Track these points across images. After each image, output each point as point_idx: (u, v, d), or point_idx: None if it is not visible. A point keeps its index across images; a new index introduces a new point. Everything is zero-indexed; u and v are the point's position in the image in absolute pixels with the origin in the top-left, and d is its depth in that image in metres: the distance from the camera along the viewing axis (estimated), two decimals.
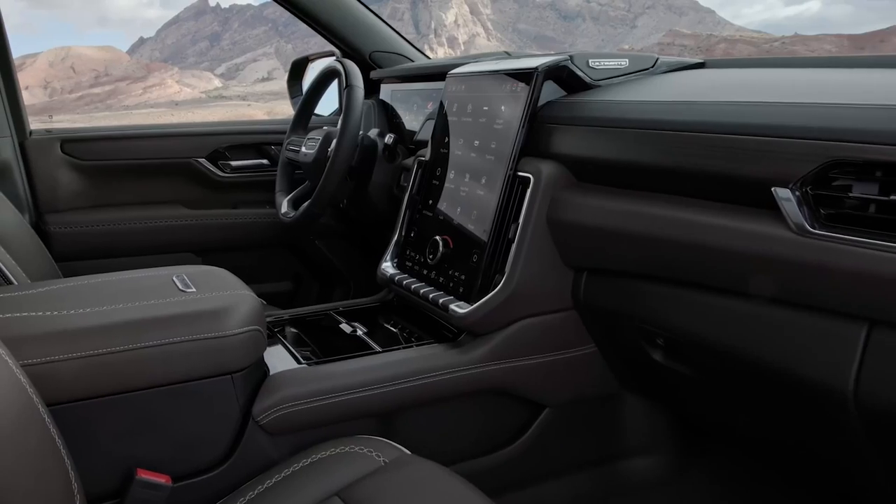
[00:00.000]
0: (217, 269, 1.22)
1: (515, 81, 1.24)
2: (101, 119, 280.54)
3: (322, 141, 1.67)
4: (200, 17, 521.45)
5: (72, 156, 1.93)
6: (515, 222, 1.18)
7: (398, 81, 1.94)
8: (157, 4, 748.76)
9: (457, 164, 1.35)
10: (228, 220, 2.08)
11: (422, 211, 1.43)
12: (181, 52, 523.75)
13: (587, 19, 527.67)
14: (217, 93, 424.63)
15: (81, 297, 1.06)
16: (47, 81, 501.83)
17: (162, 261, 2.00)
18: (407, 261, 1.44)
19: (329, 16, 1.93)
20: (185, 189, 2.08)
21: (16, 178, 1.85)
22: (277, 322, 1.42)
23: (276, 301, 2.07)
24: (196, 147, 2.05)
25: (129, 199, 2.03)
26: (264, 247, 2.16)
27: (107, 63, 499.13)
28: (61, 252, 1.89)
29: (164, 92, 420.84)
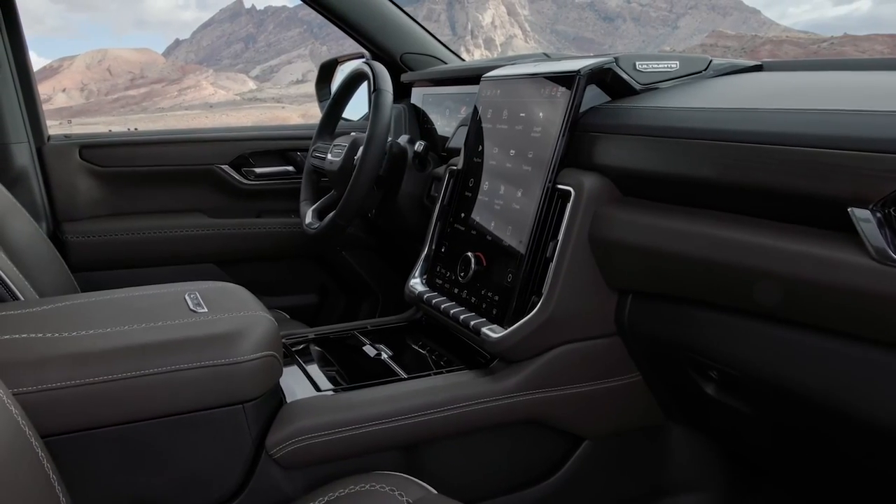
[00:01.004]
0: (233, 287, 1.17)
1: (555, 85, 1.16)
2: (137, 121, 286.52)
3: (348, 148, 1.62)
4: (235, 19, 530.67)
5: (91, 162, 1.91)
6: (554, 240, 1.11)
7: (430, 85, 1.88)
8: (194, 6, 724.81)
9: (491, 175, 1.28)
10: (252, 229, 2.05)
11: (453, 224, 1.36)
12: (216, 54, 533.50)
13: (627, 20, 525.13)
14: (251, 95, 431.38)
15: (85, 316, 1.02)
16: (84, 84, 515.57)
17: (182, 272, 1.97)
18: (437, 278, 1.37)
19: (358, 16, 1.88)
20: (207, 197, 2.05)
21: (33, 185, 1.83)
22: (296, 342, 1.37)
23: (300, 315, 2.02)
24: (219, 153, 2.02)
25: (149, 207, 2.00)
26: (289, 258, 2.12)
27: (142, 65, 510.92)
28: (78, 262, 1.87)
29: (199, 94, 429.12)
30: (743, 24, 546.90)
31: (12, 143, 1.78)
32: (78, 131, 3.82)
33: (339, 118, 1.83)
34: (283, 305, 2.05)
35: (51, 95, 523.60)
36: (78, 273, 1.85)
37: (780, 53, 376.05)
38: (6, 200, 1.57)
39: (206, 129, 2.14)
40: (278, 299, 2.11)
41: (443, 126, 1.80)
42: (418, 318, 1.47)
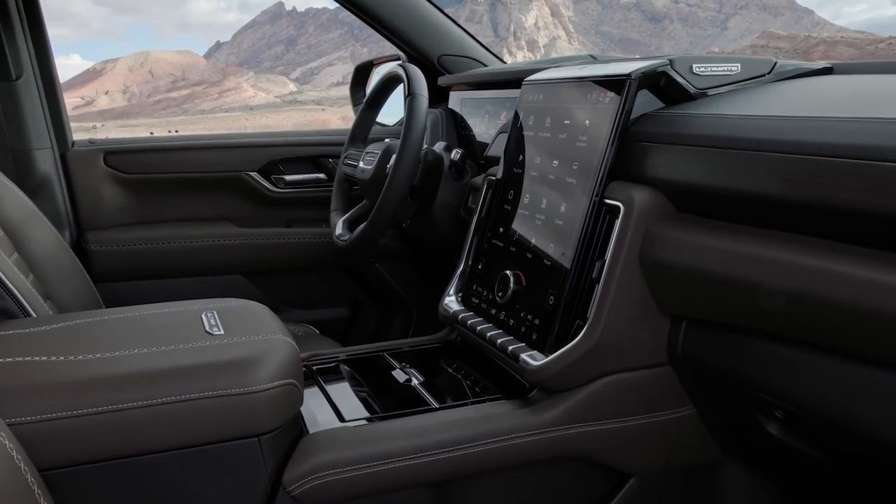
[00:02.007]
0: (254, 306, 1.12)
1: (603, 90, 1.09)
2: (177, 123, 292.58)
3: (381, 156, 1.57)
4: (276, 21, 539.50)
5: (115, 168, 1.89)
6: (601, 259, 1.04)
7: (469, 88, 1.82)
8: (235, 9, 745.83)
9: (532, 187, 1.21)
10: (281, 239, 2.01)
11: (491, 239, 1.30)
12: (257, 56, 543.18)
13: (675, 21, 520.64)
14: (291, 97, 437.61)
15: (94, 337, 0.98)
16: (126, 86, 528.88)
17: (208, 283, 1.94)
18: (473, 296, 1.31)
19: (393, 16, 1.84)
20: (234, 205, 2.02)
21: (56, 192, 1.81)
22: (321, 364, 1.31)
23: (330, 330, 1.98)
24: (247, 160, 1.98)
25: (174, 215, 1.98)
26: (320, 269, 2.08)
27: (184, 67, 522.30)
28: (102, 272, 1.85)
29: (239, 96, 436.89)
30: (795, 24, 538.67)
31: (35, 148, 1.77)
32: (117, 133, 3.81)
33: (372, 123, 1.78)
34: (312, 319, 2.01)
35: (94, 98, 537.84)
36: (101, 284, 1.83)
37: (834, 54, 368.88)
38: (27, 209, 1.55)
39: (235, 135, 2.11)
40: (308, 313, 2.07)
41: (482, 132, 1.74)
42: (453, 339, 1.41)
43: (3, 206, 1.50)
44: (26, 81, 1.74)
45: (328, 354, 1.35)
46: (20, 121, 1.74)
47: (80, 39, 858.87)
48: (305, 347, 1.69)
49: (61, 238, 1.60)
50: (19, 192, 1.55)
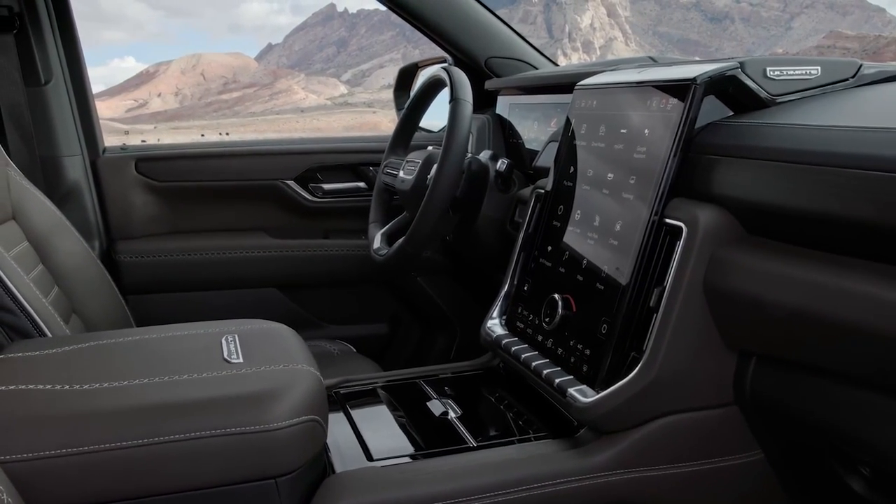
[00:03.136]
0: (278, 329, 1.07)
1: (665, 96, 1.01)
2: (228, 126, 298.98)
3: (422, 165, 1.50)
4: (328, 23, 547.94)
5: (147, 176, 1.87)
6: (660, 286, 0.95)
7: (518, 93, 1.75)
8: (288, 11, 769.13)
9: (584, 202, 1.13)
10: (318, 251, 1.96)
11: (538, 258, 1.22)
12: (308, 59, 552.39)
13: (736, 20, 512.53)
14: (343, 99, 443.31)
15: (104, 363, 0.94)
16: (178, 88, 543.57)
17: (241, 297, 1.91)
18: (518, 320, 1.23)
19: (438, 16, 1.78)
20: (270, 215, 1.98)
21: (86, 200, 1.80)
22: (350, 391, 1.25)
23: (368, 348, 1.92)
24: (284, 167, 1.94)
25: (207, 225, 1.95)
26: (359, 283, 2.02)
27: (235, 70, 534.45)
28: (132, 284, 1.83)
29: (290, 98, 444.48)
30: (865, 23, 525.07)
31: (64, 155, 1.76)
32: (169, 135, 3.82)
33: (413, 130, 1.72)
34: (349, 336, 1.95)
35: (147, 100, 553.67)
36: (131, 296, 1.81)
37: None
38: (55, 219, 1.53)
39: (271, 141, 2.08)
40: (345, 329, 2.02)
41: (531, 140, 1.67)
42: (495, 366, 1.33)
43: (29, 215, 1.49)
44: (56, 86, 1.72)
45: (359, 380, 1.29)
46: (49, 127, 1.73)
47: (134, 42, 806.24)
48: (339, 367, 1.64)
49: (89, 249, 1.58)
50: (47, 202, 1.53)
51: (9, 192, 1.46)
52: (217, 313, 1.92)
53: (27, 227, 1.48)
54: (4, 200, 1.43)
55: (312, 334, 1.93)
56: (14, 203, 1.46)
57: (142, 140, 2.76)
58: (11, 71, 1.64)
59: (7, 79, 1.64)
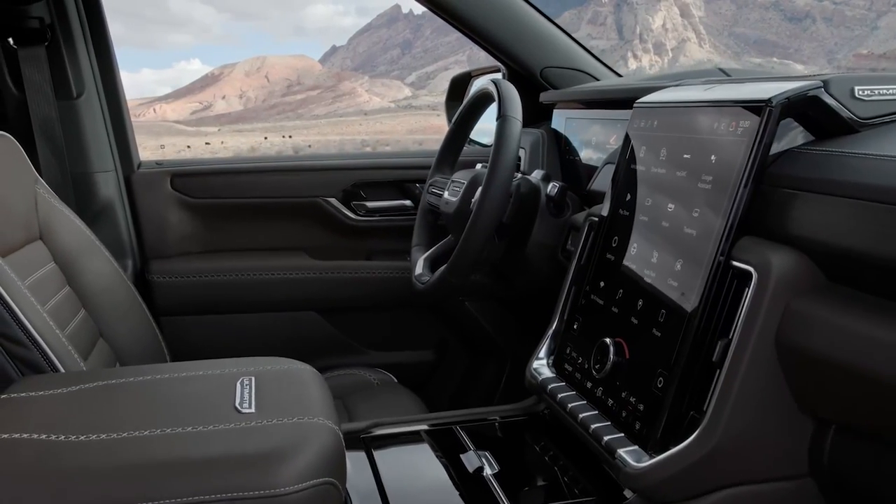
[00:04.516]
0: (300, 371, 1.00)
1: (734, 118, 0.91)
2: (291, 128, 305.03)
3: (466, 187, 1.43)
4: (392, 25, 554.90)
5: (183, 192, 1.84)
6: (725, 338, 0.85)
7: (576, 106, 1.66)
8: (353, 12, 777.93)
9: (641, 235, 1.04)
10: (361, 273, 1.90)
11: (590, 294, 1.13)
12: (372, 61, 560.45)
13: (818, 20, 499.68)
14: (406, 102, 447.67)
15: (107, 410, 0.90)
16: (243, 91, 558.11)
17: (279, 320, 1.86)
18: (566, 362, 1.14)
19: (489, 23, 1.70)
20: (310, 234, 1.93)
21: (119, 218, 1.77)
22: (378, 436, 1.18)
23: (412, 376, 1.86)
24: (325, 184, 1.89)
25: (244, 244, 1.91)
26: (403, 307, 1.95)
27: (299, 72, 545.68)
28: (165, 306, 1.80)
29: (354, 101, 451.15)
30: None
31: (96, 171, 1.73)
32: (233, 137, 3.81)
33: (461, 146, 1.65)
34: (392, 363, 1.89)
35: (211, 102, 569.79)
36: (164, 317, 1.78)
37: None
38: (84, 238, 1.50)
39: (311, 156, 2.03)
40: (388, 355, 1.96)
41: (589, 158, 1.57)
42: (540, 412, 1.24)
43: (57, 235, 1.46)
44: (88, 99, 1.70)
45: (391, 423, 1.21)
46: (81, 142, 1.71)
47: (200, 45, 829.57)
48: (376, 401, 1.57)
49: (119, 270, 1.55)
50: (76, 220, 1.50)
51: (36, 210, 1.43)
52: (253, 337, 1.89)
53: (55, 247, 1.46)
54: (31, 220, 1.41)
55: (353, 361, 1.87)
56: (42, 222, 1.44)
57: (206, 143, 2.78)
58: (43, 84, 1.62)
59: (38, 92, 1.62)
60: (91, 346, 1.43)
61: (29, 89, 1.62)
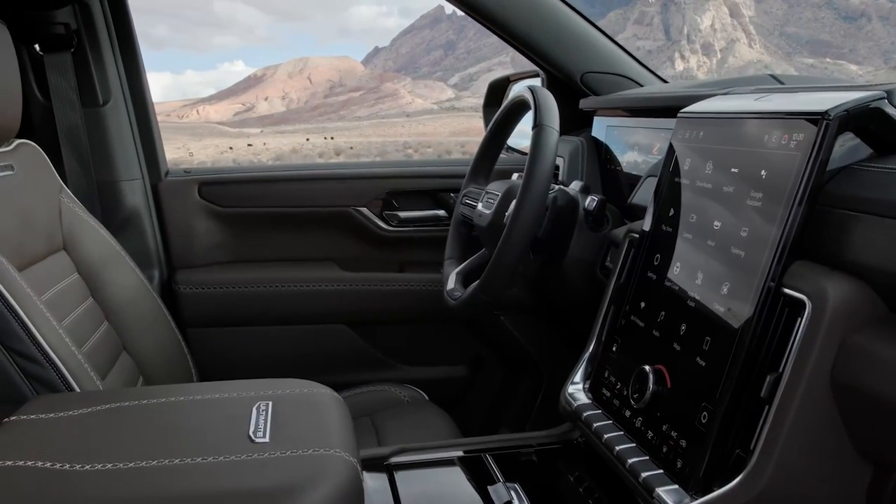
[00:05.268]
0: (320, 396, 0.97)
1: (787, 131, 0.85)
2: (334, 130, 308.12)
3: (500, 199, 1.38)
4: (435, 26, 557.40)
5: (210, 201, 1.82)
6: (774, 373, 0.79)
7: (618, 113, 1.60)
8: (396, 14, 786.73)
9: (685, 253, 0.98)
10: (393, 285, 1.87)
11: (629, 315, 1.07)
12: (414, 62, 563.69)
13: (873, 18, 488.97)
14: (449, 104, 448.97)
15: (116, 434, 0.87)
16: (285, 92, 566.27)
17: (308, 333, 1.84)
18: (604, 387, 1.09)
19: (527, 26, 1.65)
20: (340, 244, 1.91)
21: (145, 227, 1.76)
22: (404, 463, 1.13)
23: (445, 393, 1.81)
24: (356, 193, 1.86)
25: (273, 254, 1.89)
26: (436, 321, 1.91)
27: (342, 73, 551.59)
28: (192, 317, 1.78)
29: (396, 103, 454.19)
30: None
31: (123, 180, 1.72)
32: (275, 139, 3.78)
33: (496, 155, 1.60)
34: (424, 379, 1.85)
35: (254, 104, 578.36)
36: (191, 329, 1.76)
37: None
38: (109, 249, 1.49)
39: (342, 164, 2.00)
40: (420, 371, 1.92)
41: (631, 168, 1.51)
42: (574, 440, 1.19)
43: (81, 245, 1.45)
44: (115, 107, 1.69)
45: (417, 450, 1.17)
46: (107, 150, 1.70)
47: (244, 46, 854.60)
48: (406, 420, 1.53)
49: (144, 281, 1.53)
50: (101, 230, 1.49)
51: (60, 220, 1.42)
52: (281, 351, 1.87)
53: (78, 258, 1.45)
54: (55, 230, 1.40)
55: (383, 376, 1.84)
56: (65, 232, 1.43)
57: (248, 144, 2.76)
58: (68, 91, 1.62)
59: (64, 100, 1.62)
60: (113, 360, 1.42)
61: (55, 96, 1.61)
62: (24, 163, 1.34)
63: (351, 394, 1.67)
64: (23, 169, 1.32)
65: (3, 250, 1.14)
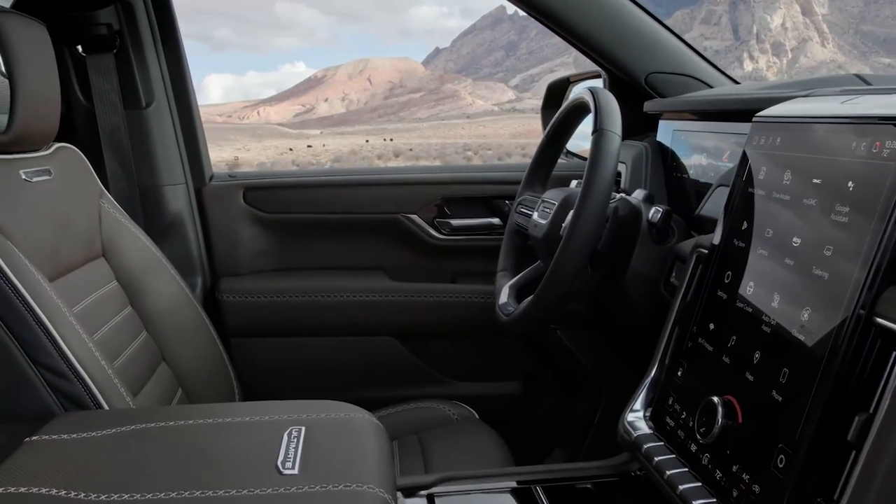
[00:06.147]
0: (357, 422, 0.92)
1: (878, 137, 0.77)
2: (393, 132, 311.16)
3: (556, 209, 1.32)
4: (497, 26, 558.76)
5: (255, 206, 1.80)
6: (864, 413, 0.71)
7: (685, 116, 1.51)
8: (457, 14, 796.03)
9: (760, 272, 0.90)
10: (444, 297, 1.81)
11: (697, 338, 0.99)
12: (475, 63, 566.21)
13: None
14: (510, 105, 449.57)
15: (137, 460, 0.84)
16: (345, 94, 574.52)
17: (354, 345, 1.80)
18: (667, 415, 1.01)
19: (589, 25, 1.57)
20: (389, 253, 1.87)
21: (188, 233, 1.74)
22: (447, 494, 1.07)
23: (495, 410, 1.75)
24: (407, 199, 1.81)
25: (319, 262, 1.87)
26: (488, 335, 1.85)
27: (402, 75, 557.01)
28: (235, 327, 1.76)
29: (456, 104, 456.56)
30: None
31: (166, 184, 1.70)
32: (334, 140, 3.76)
33: (553, 161, 1.54)
34: (475, 395, 1.79)
35: (314, 105, 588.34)
36: (234, 339, 1.74)
37: None
38: (149, 256, 1.47)
39: (393, 169, 1.96)
40: (471, 386, 1.86)
41: (699, 176, 1.43)
42: (633, 473, 1.11)
43: (121, 252, 1.43)
44: (157, 109, 1.68)
45: (463, 479, 1.10)
46: (150, 153, 1.68)
47: (305, 47, 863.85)
48: (453, 441, 1.48)
49: (186, 290, 1.50)
50: (142, 237, 1.47)
51: (100, 226, 1.40)
52: (326, 363, 1.83)
53: (118, 265, 1.42)
54: (93, 236, 1.38)
55: (431, 392, 1.79)
56: (105, 239, 1.41)
57: (307, 145, 2.75)
58: (111, 93, 1.60)
59: (106, 102, 1.60)
60: (151, 371, 1.39)
61: (97, 98, 1.60)
62: (63, 167, 1.32)
63: (398, 410, 1.63)
64: (61, 173, 1.30)
65: (36, 259, 1.11)
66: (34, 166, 1.23)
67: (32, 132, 1.20)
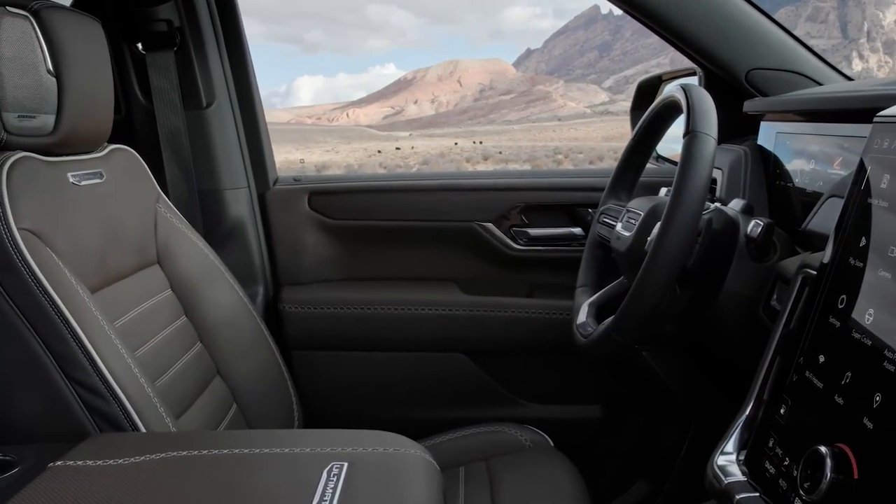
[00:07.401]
0: (406, 458, 0.84)
1: None
2: (482, 134, 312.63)
3: (642, 220, 1.22)
4: (590, 26, 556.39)
5: (320, 212, 1.76)
6: None
7: (791, 118, 1.40)
8: (551, 14, 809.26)
9: (881, 298, 0.79)
10: (519, 311, 1.74)
11: (803, 372, 0.88)
12: (567, 64, 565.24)
13: None
14: (603, 108, 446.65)
15: (155, 496, 0.77)
16: (434, 95, 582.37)
17: (422, 362, 1.75)
18: (767, 459, 0.90)
19: (689, 19, 1.47)
20: (462, 264, 1.81)
21: (250, 239, 1.71)
22: None
23: (573, 437, 1.67)
24: (482, 206, 1.75)
25: (387, 272, 1.82)
26: (567, 354, 1.75)
27: (492, 76, 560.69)
28: (297, 339, 1.72)
29: (547, 106, 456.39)
30: None
31: (227, 188, 1.68)
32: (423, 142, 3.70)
33: (641, 167, 1.45)
34: (551, 419, 1.71)
35: (403, 107, 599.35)
36: (296, 351, 1.70)
37: None
38: (206, 264, 1.43)
39: (467, 174, 1.89)
40: (547, 409, 1.78)
41: (806, 185, 1.31)
42: None
43: (177, 259, 1.40)
44: (218, 109, 1.65)
45: None
46: (210, 156, 1.66)
47: (395, 49, 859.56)
48: (524, 472, 1.42)
49: (245, 300, 1.46)
50: (199, 243, 1.44)
51: (155, 232, 1.37)
52: (392, 380, 1.77)
53: (173, 272, 1.39)
54: (148, 242, 1.34)
55: (503, 414, 1.71)
56: (160, 245, 1.37)
57: (396, 147, 2.73)
58: (170, 92, 1.58)
59: (166, 101, 1.58)
60: (204, 385, 1.35)
61: (156, 98, 1.59)
62: (116, 169, 1.29)
63: (466, 433, 1.56)
64: (114, 176, 1.27)
65: (80, 267, 1.08)
66: (84, 169, 1.20)
67: (81, 133, 1.17)
